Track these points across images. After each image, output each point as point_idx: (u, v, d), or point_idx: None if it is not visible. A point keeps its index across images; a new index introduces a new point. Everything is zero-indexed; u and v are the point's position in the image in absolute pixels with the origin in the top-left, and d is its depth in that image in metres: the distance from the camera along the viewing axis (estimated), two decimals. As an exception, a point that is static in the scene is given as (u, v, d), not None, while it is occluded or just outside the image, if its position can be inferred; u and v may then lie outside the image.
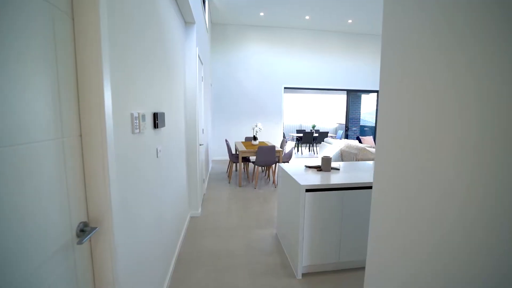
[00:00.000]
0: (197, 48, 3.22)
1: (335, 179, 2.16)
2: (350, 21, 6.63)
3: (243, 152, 4.67)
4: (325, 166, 2.42)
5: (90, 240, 0.98)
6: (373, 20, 6.59)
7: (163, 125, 1.82)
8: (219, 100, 7.22)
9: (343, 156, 5.11)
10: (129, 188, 1.23)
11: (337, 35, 7.53)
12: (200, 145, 3.58)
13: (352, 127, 8.65)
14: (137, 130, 1.31)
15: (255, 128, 5.35)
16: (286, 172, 2.40)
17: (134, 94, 1.32)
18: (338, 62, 7.63)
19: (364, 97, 10.68)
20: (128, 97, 1.23)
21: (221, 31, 7.05)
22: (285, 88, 7.53)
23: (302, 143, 9.32)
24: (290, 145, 5.43)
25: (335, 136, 10.06)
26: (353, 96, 10.14)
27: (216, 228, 3.09)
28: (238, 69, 7.20)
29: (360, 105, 10.75)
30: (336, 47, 7.57)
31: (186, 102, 3.14)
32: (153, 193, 1.66)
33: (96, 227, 0.93)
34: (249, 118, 7.38)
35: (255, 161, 4.66)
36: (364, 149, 4.70)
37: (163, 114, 1.81)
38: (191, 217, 3.34)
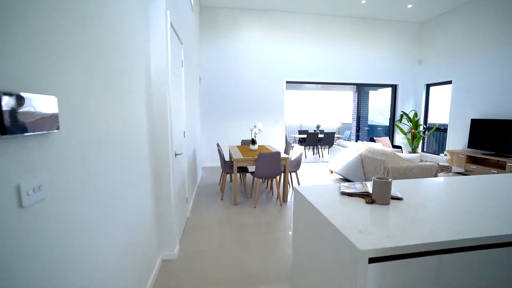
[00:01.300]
0: (168, 13, 2.17)
1: (415, 226, 1.13)
2: (364, 1, 5.63)
3: (239, 160, 3.63)
4: (381, 194, 1.39)
5: None
6: (391, 1, 5.60)
7: (47, 128, 0.77)
8: (210, 96, 6.17)
9: (364, 163, 4.09)
10: None
11: (346, 20, 6.53)
12: (177, 155, 2.53)
13: (364, 127, 7.66)
14: None
15: (254, 130, 4.32)
16: (314, 207, 1.36)
17: None
18: (348, 52, 6.63)
19: (372, 93, 9.69)
20: None
21: (212, 16, 6.00)
22: (287, 82, 6.51)
23: (305, 146, 8.31)
24: (297, 150, 4.42)
25: (342, 137, 9.07)
26: (361, 92, 9.15)
27: (199, 281, 2.04)
28: (232, 60, 6.16)
29: (368, 102, 9.77)
30: (345, 34, 6.57)
31: (151, 93, 2.10)
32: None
33: None
34: (245, 118, 6.35)
35: (255, 173, 3.62)
36: (395, 154, 3.69)
37: (30, 100, 0.75)
38: (164, 261, 2.29)
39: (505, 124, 4.95)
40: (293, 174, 5.03)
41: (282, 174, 3.92)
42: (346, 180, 5.05)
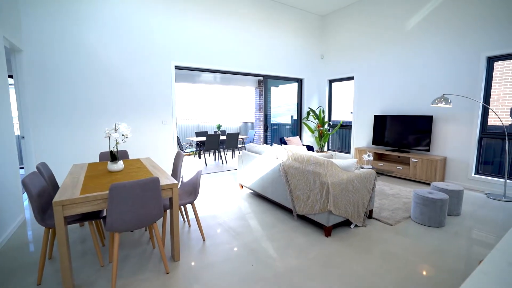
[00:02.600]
0: None
1: None
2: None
3: (68, 203, 1.73)
4: None
5: None
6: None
7: None
8: (46, 82, 3.74)
9: (289, 177, 2.91)
10: None
11: (247, -3, 5.37)
12: None
13: (272, 126, 6.79)
14: None
15: (113, 135, 2.45)
16: None
17: None
18: (251, 39, 5.48)
19: (274, 89, 9.07)
20: None
21: None
22: (176, 68, 4.78)
23: (205, 150, 6.77)
24: (192, 164, 2.78)
25: (247, 138, 8.02)
26: (266, 87, 8.33)
27: None
28: (90, 28, 3.92)
29: (270, 98, 9.11)
30: (248, 16, 5.39)
31: None
32: None
33: None
34: (112, 118, 4.23)
35: (107, 223, 1.82)
36: (332, 164, 2.63)
37: None
38: None
39: (406, 120, 4.90)
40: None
41: (168, 211, 2.26)
42: (262, 197, 3.83)
